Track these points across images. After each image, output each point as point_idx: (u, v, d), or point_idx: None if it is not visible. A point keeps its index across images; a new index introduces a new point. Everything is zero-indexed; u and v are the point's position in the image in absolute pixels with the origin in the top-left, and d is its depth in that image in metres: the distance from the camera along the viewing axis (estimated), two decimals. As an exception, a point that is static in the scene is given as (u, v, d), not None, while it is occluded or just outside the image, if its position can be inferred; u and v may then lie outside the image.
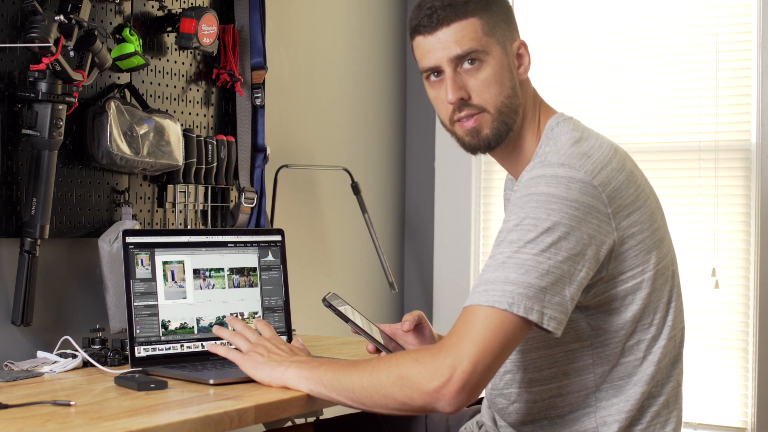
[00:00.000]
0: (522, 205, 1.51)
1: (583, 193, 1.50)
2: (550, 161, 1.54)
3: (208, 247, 2.13)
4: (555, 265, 1.47)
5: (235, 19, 2.59)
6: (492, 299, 1.46)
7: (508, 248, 1.48)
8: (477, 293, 1.48)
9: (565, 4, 3.30)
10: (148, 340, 2.01)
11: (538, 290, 1.45)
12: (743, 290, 3.02)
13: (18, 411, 1.51)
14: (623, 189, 1.55)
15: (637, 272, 1.57)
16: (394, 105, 3.45)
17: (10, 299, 2.05)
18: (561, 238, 1.47)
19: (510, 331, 1.46)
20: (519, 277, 1.45)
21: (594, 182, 1.52)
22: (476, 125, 1.66)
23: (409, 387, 1.49)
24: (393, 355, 1.59)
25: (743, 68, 3.02)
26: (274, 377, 1.71)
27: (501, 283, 1.46)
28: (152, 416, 1.50)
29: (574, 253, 1.48)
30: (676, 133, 3.13)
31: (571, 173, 1.51)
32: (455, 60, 1.64)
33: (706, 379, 3.05)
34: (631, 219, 1.55)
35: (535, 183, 1.52)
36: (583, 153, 1.56)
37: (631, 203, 1.56)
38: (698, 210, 3.08)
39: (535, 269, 1.46)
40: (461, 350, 1.45)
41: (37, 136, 2.02)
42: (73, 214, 2.19)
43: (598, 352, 1.59)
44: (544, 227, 1.47)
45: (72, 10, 2.03)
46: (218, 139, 2.51)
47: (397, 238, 3.48)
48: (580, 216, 1.49)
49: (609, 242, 1.52)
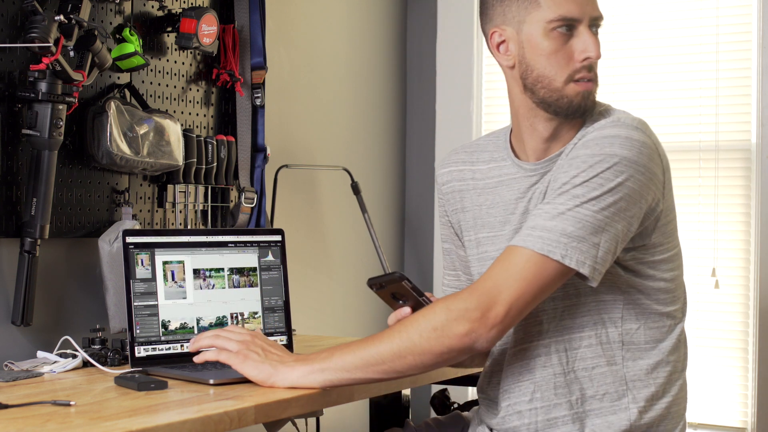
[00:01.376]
0: (593, 164, 1.54)
1: (651, 160, 1.57)
2: (624, 122, 1.58)
3: (208, 247, 2.13)
4: (610, 224, 1.52)
5: (235, 19, 2.59)
6: (547, 248, 1.51)
7: (571, 201, 1.53)
8: (532, 237, 1.52)
9: (565, 4, 3.30)
10: (148, 340, 2.01)
11: (591, 245, 1.51)
12: (743, 290, 3.02)
13: (18, 411, 1.51)
14: (668, 168, 1.64)
15: (670, 246, 1.64)
16: (394, 105, 3.45)
17: (10, 299, 2.05)
18: (622, 199, 1.53)
19: (554, 277, 1.53)
20: (576, 231, 1.51)
21: (659, 151, 1.60)
22: (591, 89, 1.68)
23: (446, 335, 1.52)
24: (417, 313, 1.60)
25: (743, 68, 3.02)
26: (278, 378, 1.67)
27: (558, 233, 1.51)
28: (152, 416, 1.50)
29: (630, 214, 1.54)
30: (676, 133, 3.13)
31: (644, 138, 1.57)
32: (594, 21, 1.65)
33: (706, 379, 3.05)
34: (669, 196, 1.64)
35: (609, 143, 1.55)
36: (647, 124, 1.62)
37: (668, 181, 1.64)
38: (698, 210, 3.08)
39: (592, 225, 1.51)
40: (501, 285, 1.50)
41: (37, 136, 2.02)
42: (73, 214, 2.19)
43: (629, 309, 1.63)
44: (609, 187, 1.52)
45: (72, 10, 2.03)
46: (218, 139, 2.51)
47: (397, 238, 3.48)
48: (644, 181, 1.55)
49: (658, 210, 1.60)
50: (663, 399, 1.64)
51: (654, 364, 1.64)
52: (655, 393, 1.64)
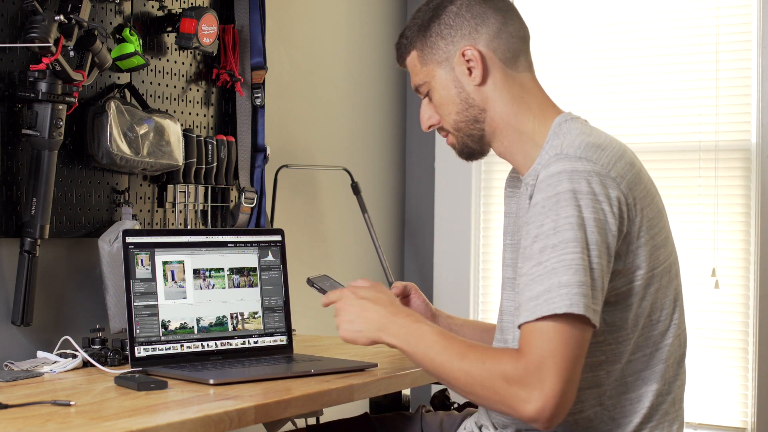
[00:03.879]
0: (552, 207, 1.51)
1: (603, 186, 1.51)
2: (567, 154, 1.54)
3: (208, 247, 2.13)
4: (596, 261, 1.49)
5: (235, 19, 2.59)
6: (552, 307, 1.46)
7: (553, 253, 1.48)
8: (539, 306, 1.47)
9: (566, 5, 3.30)
10: (148, 340, 2.00)
11: (588, 287, 1.47)
12: (743, 290, 3.02)
13: (18, 411, 1.51)
14: (636, 183, 1.57)
15: (648, 268, 1.58)
16: (394, 105, 3.45)
17: (10, 299, 2.05)
18: (595, 233, 1.49)
19: (578, 335, 1.47)
20: (571, 278, 1.46)
21: (611, 174, 1.53)
22: (450, 143, 1.76)
23: (506, 406, 1.50)
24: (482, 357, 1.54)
25: (743, 68, 3.02)
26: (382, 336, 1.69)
27: (556, 288, 1.46)
28: (152, 416, 1.50)
29: (608, 244, 1.50)
30: (676, 133, 3.13)
31: (589, 166, 1.52)
32: (417, 93, 1.76)
33: (706, 379, 3.05)
34: (644, 214, 1.57)
35: (557, 181, 1.51)
36: (597, 145, 1.57)
37: (643, 198, 1.58)
38: (698, 210, 3.08)
39: (582, 268, 1.47)
40: (546, 375, 1.45)
41: (37, 136, 2.02)
42: (73, 214, 2.19)
43: (612, 349, 1.59)
44: (579, 224, 1.48)
45: (72, 10, 2.03)
46: (218, 139, 2.51)
47: (397, 238, 3.48)
48: (606, 208, 1.51)
49: (626, 233, 1.54)
50: (648, 424, 1.62)
51: (638, 397, 1.61)
52: (638, 423, 1.60)
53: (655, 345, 1.61)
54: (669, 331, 1.62)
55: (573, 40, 3.28)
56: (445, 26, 1.69)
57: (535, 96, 1.71)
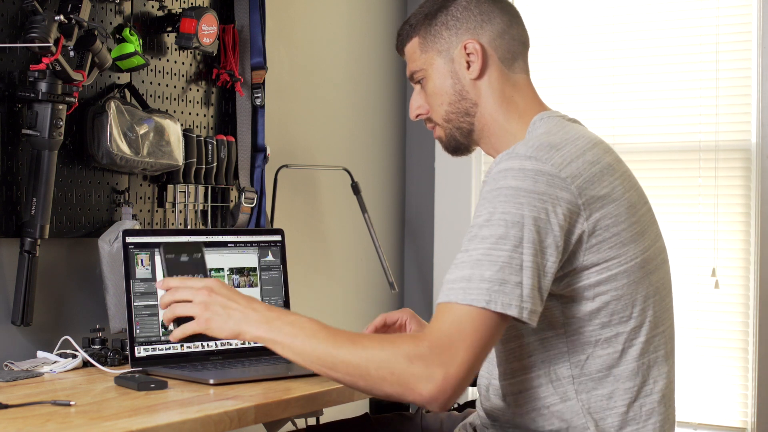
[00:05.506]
0: (491, 200, 1.52)
1: (551, 185, 1.51)
2: (517, 153, 1.55)
3: (208, 247, 2.13)
4: (529, 260, 1.48)
5: (235, 19, 2.59)
6: (470, 297, 1.46)
7: (481, 245, 1.49)
8: (454, 290, 1.48)
9: (566, 5, 3.30)
10: (148, 340, 2.01)
11: (514, 285, 1.46)
12: (743, 290, 3.02)
13: (18, 411, 1.51)
14: (596, 181, 1.56)
15: (612, 264, 1.57)
16: (394, 105, 3.45)
17: (10, 299, 2.05)
18: (532, 231, 1.48)
19: (492, 328, 1.47)
20: (494, 274, 1.46)
21: (561, 174, 1.53)
22: (437, 136, 1.78)
23: (401, 385, 1.47)
24: (380, 342, 1.51)
25: (743, 68, 3.02)
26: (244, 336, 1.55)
27: (477, 281, 1.46)
28: (152, 416, 1.51)
29: (546, 245, 1.49)
30: (676, 133, 3.13)
31: (538, 166, 1.52)
32: (411, 80, 1.78)
33: (706, 379, 3.05)
34: (605, 211, 1.56)
35: (503, 176, 1.52)
36: (552, 145, 1.57)
37: (605, 195, 1.57)
38: (698, 210, 3.08)
39: (509, 266, 1.47)
40: (452, 357, 1.45)
41: (37, 136, 2.02)
42: (73, 214, 2.19)
43: (573, 340, 1.59)
44: (515, 221, 1.48)
45: (72, 10, 2.03)
46: (218, 139, 2.51)
47: (397, 238, 3.48)
48: (549, 208, 1.50)
49: (578, 233, 1.53)
50: (626, 429, 1.62)
51: (609, 393, 1.59)
52: (618, 423, 1.60)
53: (628, 341, 1.60)
54: (642, 328, 1.60)
55: (573, 40, 3.28)
56: (451, 17, 1.72)
57: (525, 96, 1.73)
